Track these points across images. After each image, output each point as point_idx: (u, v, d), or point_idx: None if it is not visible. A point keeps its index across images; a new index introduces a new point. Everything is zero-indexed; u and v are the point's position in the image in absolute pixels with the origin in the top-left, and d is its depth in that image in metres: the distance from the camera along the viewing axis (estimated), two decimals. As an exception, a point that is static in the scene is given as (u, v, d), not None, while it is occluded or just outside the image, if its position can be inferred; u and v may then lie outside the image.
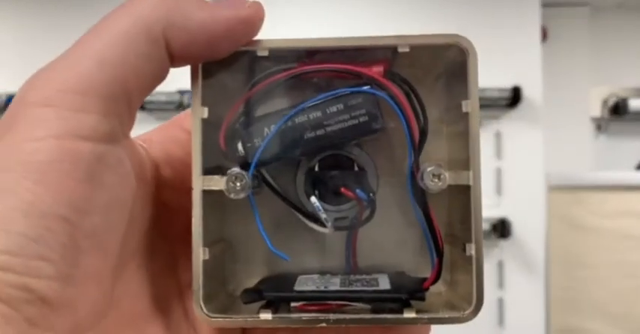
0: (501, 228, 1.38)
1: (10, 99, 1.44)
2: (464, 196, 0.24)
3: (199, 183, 0.23)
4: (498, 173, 1.43)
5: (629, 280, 1.42)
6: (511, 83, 1.39)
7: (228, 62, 0.23)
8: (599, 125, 1.75)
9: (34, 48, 1.49)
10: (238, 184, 0.24)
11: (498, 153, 1.43)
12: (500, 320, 1.41)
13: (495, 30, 1.43)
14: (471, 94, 0.23)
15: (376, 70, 0.24)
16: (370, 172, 0.27)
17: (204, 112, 0.23)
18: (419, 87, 0.25)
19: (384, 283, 0.25)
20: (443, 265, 0.24)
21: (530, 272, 1.42)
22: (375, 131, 0.25)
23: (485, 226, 1.37)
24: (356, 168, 0.26)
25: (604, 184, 1.44)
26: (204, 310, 0.23)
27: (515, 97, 1.38)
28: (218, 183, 0.24)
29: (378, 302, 0.24)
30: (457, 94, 0.24)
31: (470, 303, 0.23)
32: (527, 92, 1.40)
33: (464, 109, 0.23)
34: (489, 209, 1.40)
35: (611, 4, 1.73)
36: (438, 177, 0.24)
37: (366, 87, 0.24)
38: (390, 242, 0.27)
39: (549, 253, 1.43)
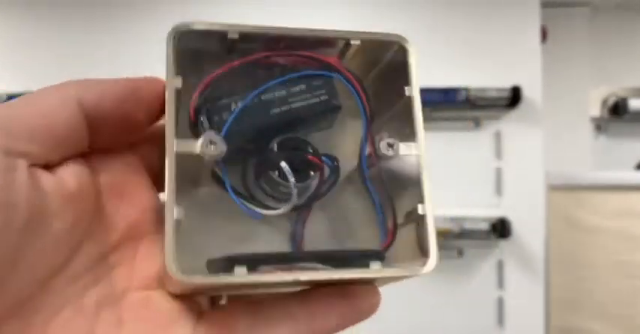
0: (501, 228, 1.37)
1: (9, 99, 1.45)
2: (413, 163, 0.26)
3: (172, 147, 0.23)
4: (498, 173, 1.43)
5: (629, 280, 1.42)
6: (511, 83, 1.39)
7: (203, 43, 0.25)
8: (599, 125, 1.75)
9: (27, 50, 1.50)
10: (212, 147, 0.24)
11: (498, 153, 1.43)
12: (500, 320, 1.41)
13: (495, 30, 1.43)
14: (412, 81, 0.27)
15: (333, 59, 0.28)
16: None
17: (179, 82, 0.24)
18: (366, 76, 0.29)
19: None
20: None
21: (530, 272, 1.41)
22: (333, 107, 0.27)
23: (485, 226, 1.38)
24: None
25: (604, 184, 1.44)
26: (176, 270, 0.21)
27: (515, 97, 1.38)
28: (192, 146, 0.24)
29: (348, 260, 0.25)
30: (401, 83, 0.28)
31: (427, 256, 0.25)
32: (527, 92, 1.40)
33: (406, 94, 0.27)
34: (489, 209, 1.40)
35: (611, 5, 1.73)
36: (392, 146, 0.27)
37: (324, 72, 0.27)
38: (343, 227, 0.29)
39: (549, 253, 1.43)
